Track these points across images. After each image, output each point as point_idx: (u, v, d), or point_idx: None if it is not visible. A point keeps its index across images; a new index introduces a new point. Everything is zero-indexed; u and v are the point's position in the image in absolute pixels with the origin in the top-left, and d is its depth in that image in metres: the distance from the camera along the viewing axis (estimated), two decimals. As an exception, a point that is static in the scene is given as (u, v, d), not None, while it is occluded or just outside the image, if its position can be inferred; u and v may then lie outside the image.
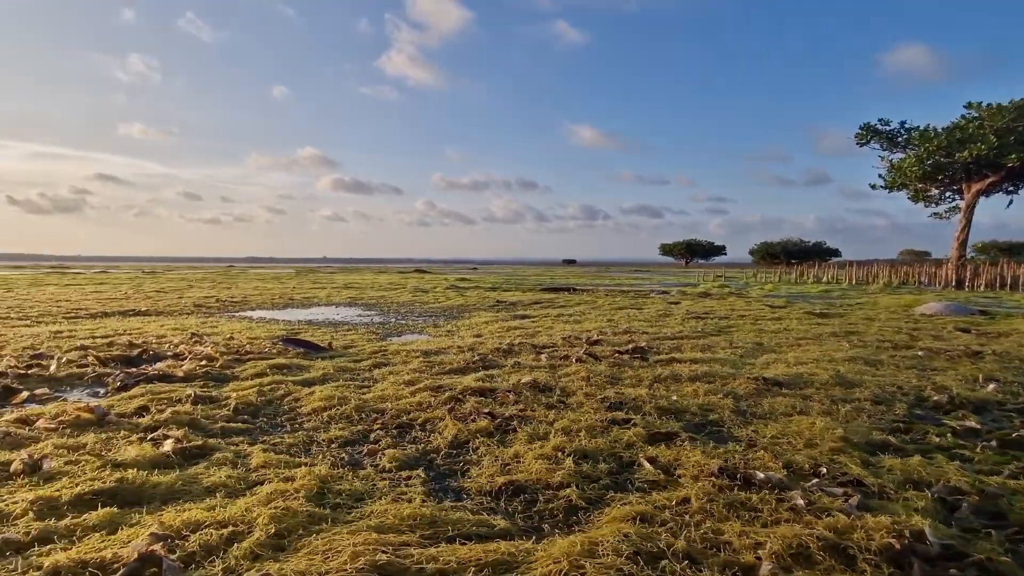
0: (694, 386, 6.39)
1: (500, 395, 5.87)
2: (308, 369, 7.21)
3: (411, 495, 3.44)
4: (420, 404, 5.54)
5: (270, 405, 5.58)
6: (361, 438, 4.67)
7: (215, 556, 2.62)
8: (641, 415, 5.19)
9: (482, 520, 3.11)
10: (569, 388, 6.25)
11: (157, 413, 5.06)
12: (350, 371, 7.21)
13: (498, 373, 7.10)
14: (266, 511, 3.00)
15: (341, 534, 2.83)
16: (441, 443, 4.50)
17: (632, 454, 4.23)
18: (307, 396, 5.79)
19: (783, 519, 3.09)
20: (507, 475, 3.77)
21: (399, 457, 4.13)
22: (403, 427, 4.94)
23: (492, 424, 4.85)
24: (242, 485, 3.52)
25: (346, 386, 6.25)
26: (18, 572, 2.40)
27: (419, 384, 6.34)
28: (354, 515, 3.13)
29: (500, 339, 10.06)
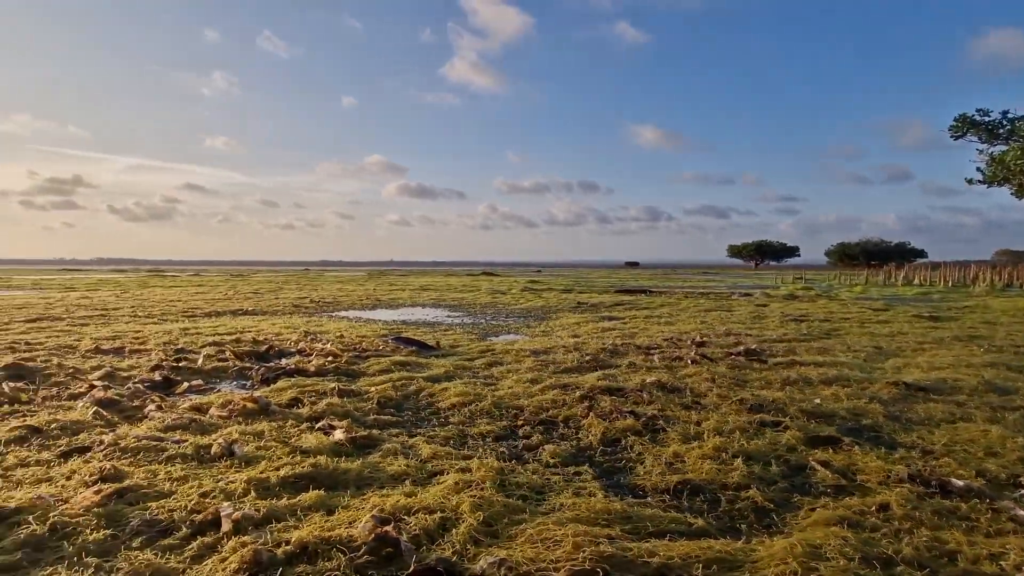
0: (831, 390, 6.11)
1: (631, 394, 5.82)
2: (428, 367, 7.41)
3: (590, 489, 3.45)
4: (555, 402, 5.57)
5: (408, 400, 5.77)
6: (510, 433, 4.74)
7: (438, 539, 2.72)
8: (788, 418, 5.01)
9: (675, 518, 3.08)
10: (697, 389, 6.12)
11: (311, 405, 5.33)
12: (469, 369, 7.35)
13: (616, 373, 7.05)
14: (466, 499, 3.09)
15: (547, 524, 2.87)
16: (592, 440, 4.51)
17: (798, 457, 4.08)
18: (441, 392, 5.95)
19: (1009, 530, 2.89)
20: (678, 474, 3.72)
21: (559, 453, 4.16)
22: (547, 424, 4.98)
23: (637, 423, 4.81)
24: (423, 474, 3.64)
25: (473, 383, 6.38)
26: (270, 544, 2.57)
27: (544, 383, 6.39)
28: (545, 507, 3.17)
29: (600, 340, 10.01)
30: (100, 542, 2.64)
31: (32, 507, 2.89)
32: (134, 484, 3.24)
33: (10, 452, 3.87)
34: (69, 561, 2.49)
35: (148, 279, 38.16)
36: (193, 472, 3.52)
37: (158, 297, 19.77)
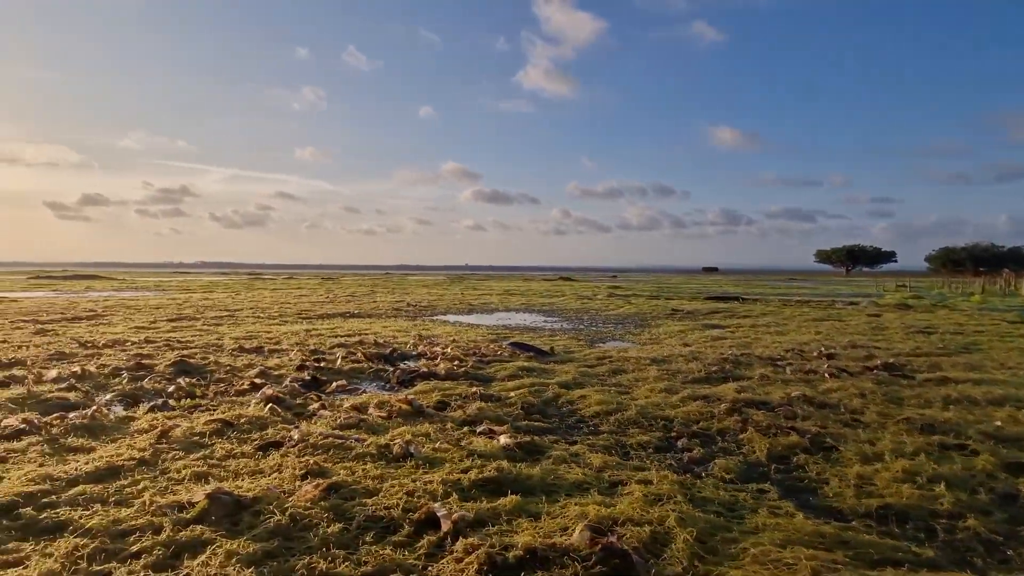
0: (1004, 411, 5.59)
1: (780, 409, 5.58)
2: (554, 373, 7.44)
3: (786, 509, 3.31)
4: (701, 414, 5.43)
5: (549, 406, 5.80)
6: (668, 445, 4.66)
7: (659, 555, 2.70)
8: (971, 441, 4.62)
9: (896, 546, 2.90)
10: (850, 405, 5.78)
11: (460, 409, 5.48)
12: (595, 376, 7.32)
13: (750, 385, 6.79)
14: (669, 514, 3.05)
15: (766, 545, 2.79)
16: (759, 455, 4.35)
17: (1003, 484, 3.75)
18: (580, 399, 5.95)
19: None
20: (875, 498, 3.51)
21: (731, 468, 4.04)
22: (702, 436, 4.86)
23: (803, 440, 4.59)
24: (603, 484, 3.63)
25: (607, 391, 6.33)
26: (497, 549, 2.64)
27: (680, 393, 6.25)
28: (748, 525, 3.08)
29: (715, 349, 9.69)
30: (337, 535, 2.81)
31: (266, 497, 3.12)
32: (341, 480, 3.43)
33: (215, 444, 4.21)
34: (319, 552, 2.66)
35: (251, 282, 40.80)
36: (386, 471, 3.69)
37: (268, 299, 21.08)
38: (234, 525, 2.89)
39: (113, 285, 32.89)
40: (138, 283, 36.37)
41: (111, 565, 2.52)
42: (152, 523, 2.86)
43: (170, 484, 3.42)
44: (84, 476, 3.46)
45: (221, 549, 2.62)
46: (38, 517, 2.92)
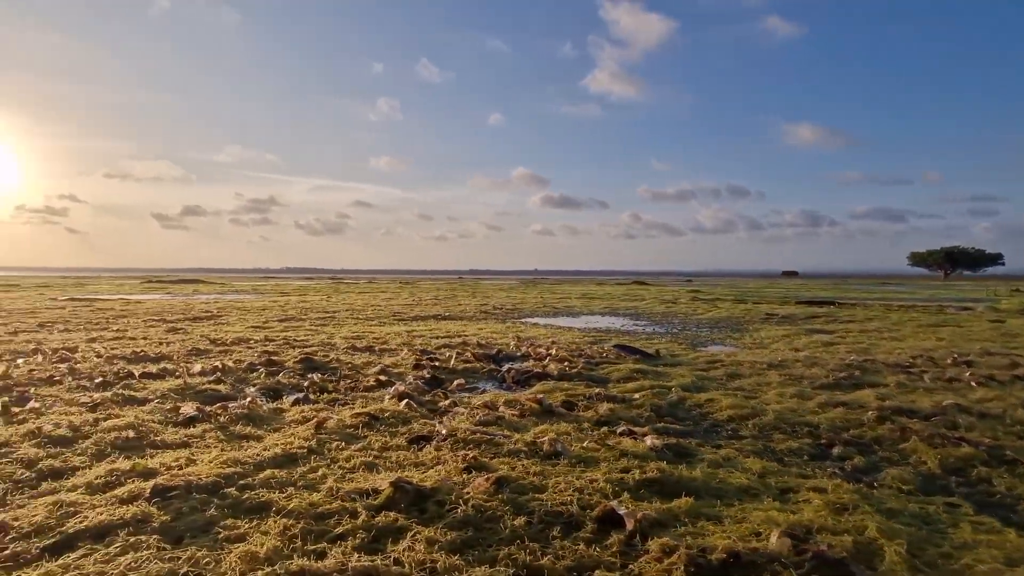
0: None
1: (936, 418, 5.17)
2: (668, 376, 7.25)
3: (989, 524, 3.04)
4: (848, 421, 5.12)
5: (677, 408, 5.65)
6: (821, 452, 4.41)
7: (872, 567, 2.53)
8: None
9: None
10: (1017, 416, 5.28)
11: (588, 409, 5.44)
12: (713, 380, 7.08)
13: (889, 392, 6.35)
14: (868, 523, 2.87)
15: (987, 561, 2.56)
16: (931, 467, 4.03)
17: None
18: (708, 403, 5.76)
19: None
20: (1093, 517, 3.16)
21: (905, 479, 3.76)
22: (857, 444, 4.56)
23: (978, 452, 4.22)
24: (772, 490, 3.47)
25: (735, 395, 6.10)
26: (696, 551, 2.56)
27: (814, 399, 5.94)
28: (956, 540, 2.84)
29: (831, 354, 9.15)
30: (524, 528, 2.82)
31: (443, 488, 3.20)
32: (505, 475, 3.46)
33: (369, 436, 4.37)
34: (513, 543, 2.68)
35: (336, 286, 42.63)
36: (545, 468, 3.69)
37: (359, 302, 21.92)
38: (421, 513, 2.97)
39: (215, 288, 35.28)
40: (236, 287, 38.84)
41: (323, 545, 2.64)
42: (345, 508, 2.99)
43: (345, 472, 3.57)
44: (267, 461, 3.67)
45: (420, 535, 2.70)
46: (241, 497, 3.12)
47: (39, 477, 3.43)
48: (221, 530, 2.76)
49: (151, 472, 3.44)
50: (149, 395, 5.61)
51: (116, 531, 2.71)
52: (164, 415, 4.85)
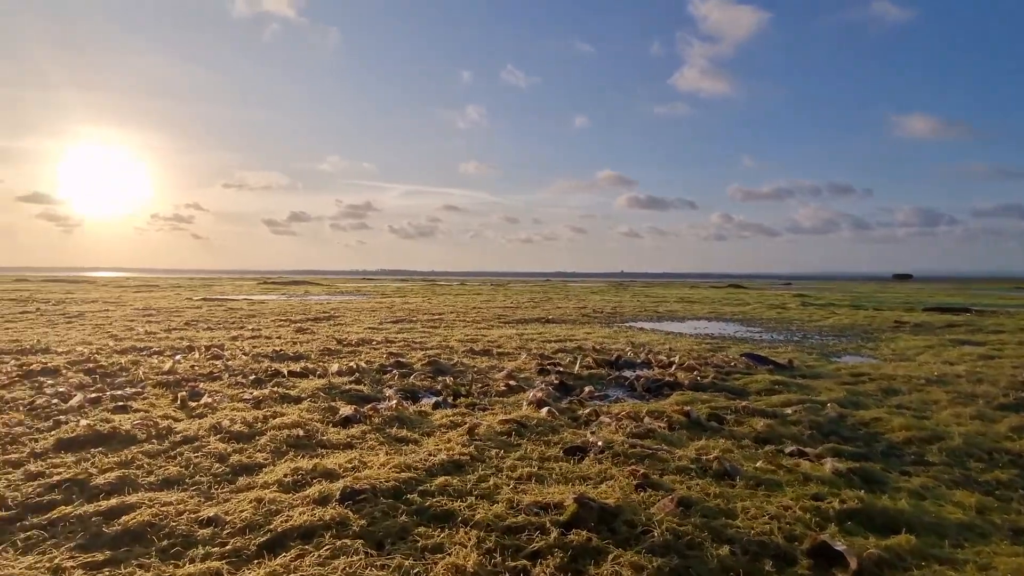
0: None
1: None
2: (812, 389, 6.71)
3: None
4: (1058, 450, 4.46)
5: (839, 427, 5.18)
6: None
7: None
8: None
9: None
10: None
11: (739, 424, 5.10)
12: (867, 395, 6.47)
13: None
14: None
15: None
16: None
17: None
18: (874, 422, 5.24)
19: None
20: None
21: None
22: (1080, 480, 3.94)
23: None
24: (999, 528, 3.04)
25: (900, 414, 5.52)
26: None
27: (1002, 421, 5.25)
28: None
29: (994, 369, 8.13)
30: (730, 559, 2.62)
31: (626, 507, 3.05)
32: (686, 496, 3.26)
33: (523, 444, 4.31)
34: (717, 570, 2.48)
35: (431, 288, 43.94)
36: (724, 490, 3.45)
37: (461, 304, 22.36)
38: (612, 533, 2.83)
39: (324, 290, 37.43)
40: (341, 288, 41.00)
41: (522, 562, 2.57)
42: (532, 522, 2.91)
43: (515, 482, 3.52)
44: (437, 468, 3.70)
45: (623, 560, 2.56)
46: (424, 504, 3.14)
47: (233, 472, 3.64)
48: (418, 538, 2.77)
49: (332, 473, 3.56)
50: (301, 394, 5.90)
51: (321, 532, 2.79)
52: (322, 414, 5.07)
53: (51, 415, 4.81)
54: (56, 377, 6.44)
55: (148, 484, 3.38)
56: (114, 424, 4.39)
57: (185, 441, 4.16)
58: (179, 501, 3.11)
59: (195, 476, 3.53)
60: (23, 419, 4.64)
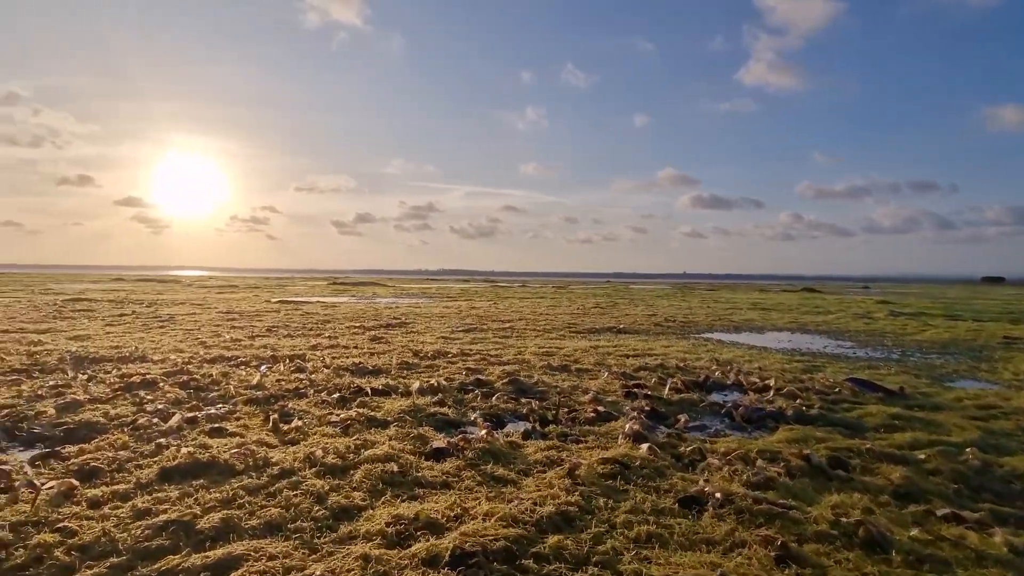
0: None
1: None
2: (939, 426, 6.00)
3: None
4: None
5: (987, 478, 4.53)
6: None
7: None
8: None
9: None
10: None
11: (867, 472, 4.56)
12: (1009, 436, 5.71)
13: None
14: None
15: None
16: None
17: None
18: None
19: None
20: None
21: None
22: None
23: None
24: None
25: (1059, 464, 4.80)
26: None
27: None
28: None
29: None
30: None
31: None
32: (837, 575, 2.83)
33: (632, 492, 3.98)
34: None
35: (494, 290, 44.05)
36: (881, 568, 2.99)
37: (527, 310, 22.13)
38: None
39: (390, 291, 38.19)
40: (407, 290, 41.75)
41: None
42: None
43: (636, 546, 3.19)
44: (545, 522, 3.42)
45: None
46: (542, 573, 2.87)
47: (333, 515, 3.49)
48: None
49: (435, 524, 3.34)
50: (387, 416, 5.78)
51: (437, 606, 2.56)
52: (412, 444, 4.90)
53: (152, 437, 4.87)
54: (154, 391, 6.62)
55: (251, 529, 3.27)
56: (212, 452, 4.37)
57: (283, 475, 4.07)
58: (284, 554, 2.97)
59: (296, 520, 3.40)
60: (127, 441, 4.72)
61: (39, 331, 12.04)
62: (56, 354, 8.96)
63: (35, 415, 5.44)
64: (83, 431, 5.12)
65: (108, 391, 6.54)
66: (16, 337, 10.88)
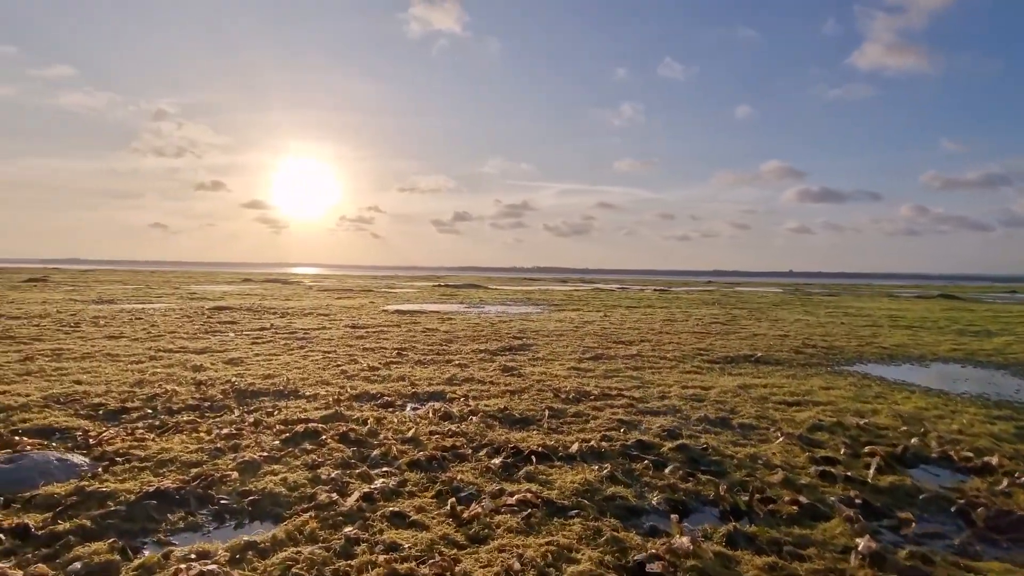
0: None
1: None
2: None
3: None
4: None
5: None
6: None
7: None
8: None
9: None
10: None
11: None
12: None
13: None
14: None
15: None
16: None
17: None
18: None
19: None
20: None
21: None
22: None
23: None
24: None
25: None
26: None
27: None
28: None
29: None
30: None
31: None
32: None
33: None
34: None
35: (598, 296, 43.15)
36: None
37: (643, 325, 21.16)
38: None
39: (495, 296, 38.36)
40: (508, 294, 41.85)
41: None
42: None
43: None
44: None
45: None
46: None
47: None
48: None
49: None
50: (563, 498, 5.31)
51: None
52: (611, 553, 4.37)
53: (337, 522, 4.70)
54: (319, 445, 6.61)
55: None
56: (409, 564, 4.07)
57: (489, 602, 3.70)
58: None
59: None
60: (315, 529, 4.57)
61: (197, 350, 12.91)
62: (219, 384, 9.41)
63: (220, 478, 5.51)
64: (267, 504, 5.08)
65: (277, 443, 6.61)
66: (181, 359, 11.66)
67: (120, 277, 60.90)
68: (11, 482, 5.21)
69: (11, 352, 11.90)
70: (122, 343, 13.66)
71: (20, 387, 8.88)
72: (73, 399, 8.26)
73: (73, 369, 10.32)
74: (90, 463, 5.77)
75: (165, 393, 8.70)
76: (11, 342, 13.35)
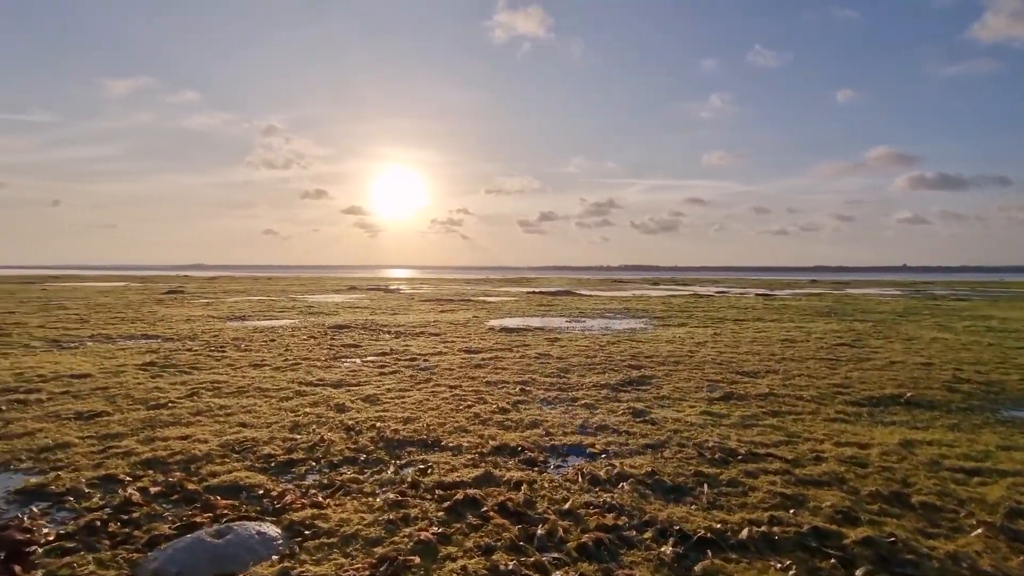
0: None
1: None
2: None
3: None
4: None
5: None
6: None
7: None
8: None
9: None
10: None
11: None
12: None
13: None
14: None
15: None
16: None
17: None
18: None
19: None
20: None
21: None
22: None
23: None
24: None
25: None
26: None
27: None
28: None
29: None
30: None
31: None
32: None
33: None
34: None
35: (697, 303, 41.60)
36: None
37: (763, 349, 20.06)
38: None
39: (591, 306, 37.95)
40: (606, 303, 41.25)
41: None
42: None
43: None
44: None
45: None
46: None
47: None
48: None
49: None
50: None
51: None
52: None
53: (533, 632, 4.71)
54: (483, 520, 6.69)
55: None
56: None
57: None
58: None
59: None
60: (515, 641, 4.59)
61: (333, 383, 13.65)
62: (366, 431, 9.85)
63: (403, 563, 5.69)
64: (456, 599, 5.18)
65: (442, 515, 6.77)
66: (323, 395, 12.37)
67: (242, 286, 66.22)
68: (222, 559, 5.59)
69: (178, 385, 13.13)
70: (266, 373, 14.71)
71: (196, 430, 9.74)
72: (245, 447, 8.93)
73: (234, 408, 11.20)
74: (283, 536, 6.14)
75: (323, 442, 9.22)
76: (174, 371, 14.75)
